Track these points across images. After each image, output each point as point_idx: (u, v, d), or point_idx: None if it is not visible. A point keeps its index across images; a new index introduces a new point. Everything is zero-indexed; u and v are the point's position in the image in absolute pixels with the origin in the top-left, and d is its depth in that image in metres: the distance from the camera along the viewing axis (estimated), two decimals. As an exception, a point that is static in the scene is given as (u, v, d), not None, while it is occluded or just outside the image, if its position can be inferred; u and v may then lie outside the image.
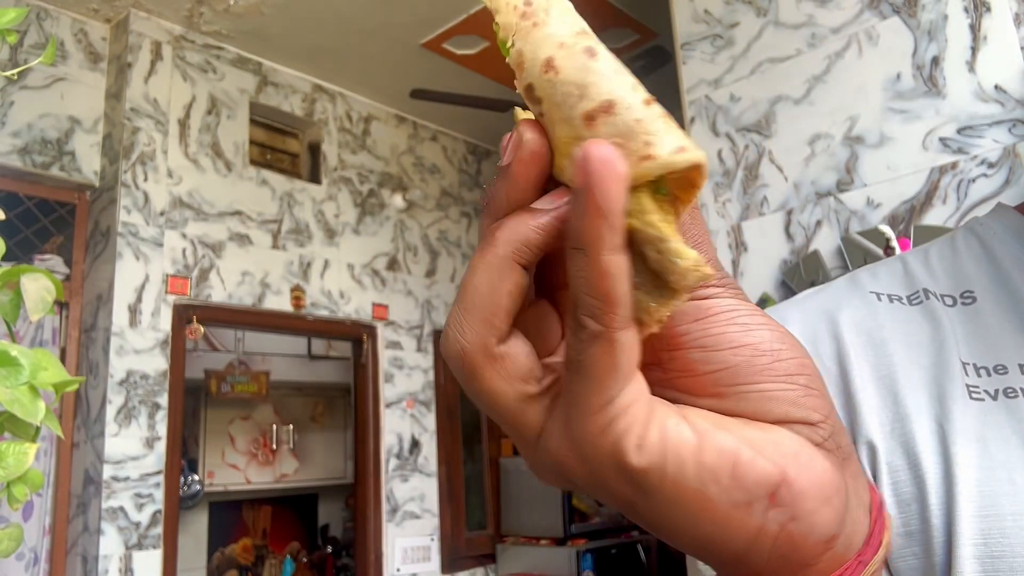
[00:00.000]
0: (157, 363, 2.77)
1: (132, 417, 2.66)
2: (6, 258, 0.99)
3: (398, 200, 3.78)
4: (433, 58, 3.36)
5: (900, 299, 0.41)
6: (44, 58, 1.20)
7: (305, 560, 4.43)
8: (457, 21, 3.12)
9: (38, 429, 0.93)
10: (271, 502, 4.41)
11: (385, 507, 3.45)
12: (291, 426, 4.46)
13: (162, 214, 2.88)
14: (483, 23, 3.10)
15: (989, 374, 0.36)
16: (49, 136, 2.75)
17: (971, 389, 0.36)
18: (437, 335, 3.84)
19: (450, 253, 4.05)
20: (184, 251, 2.93)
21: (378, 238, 3.69)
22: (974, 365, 0.37)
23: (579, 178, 0.20)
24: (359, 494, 3.51)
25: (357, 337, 3.55)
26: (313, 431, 4.61)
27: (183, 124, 3.02)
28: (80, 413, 2.75)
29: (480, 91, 3.52)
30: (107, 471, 2.57)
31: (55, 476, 2.70)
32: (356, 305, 3.50)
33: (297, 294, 3.27)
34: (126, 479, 2.61)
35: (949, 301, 0.40)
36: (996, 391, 0.35)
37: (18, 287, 0.94)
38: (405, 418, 3.64)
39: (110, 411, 2.61)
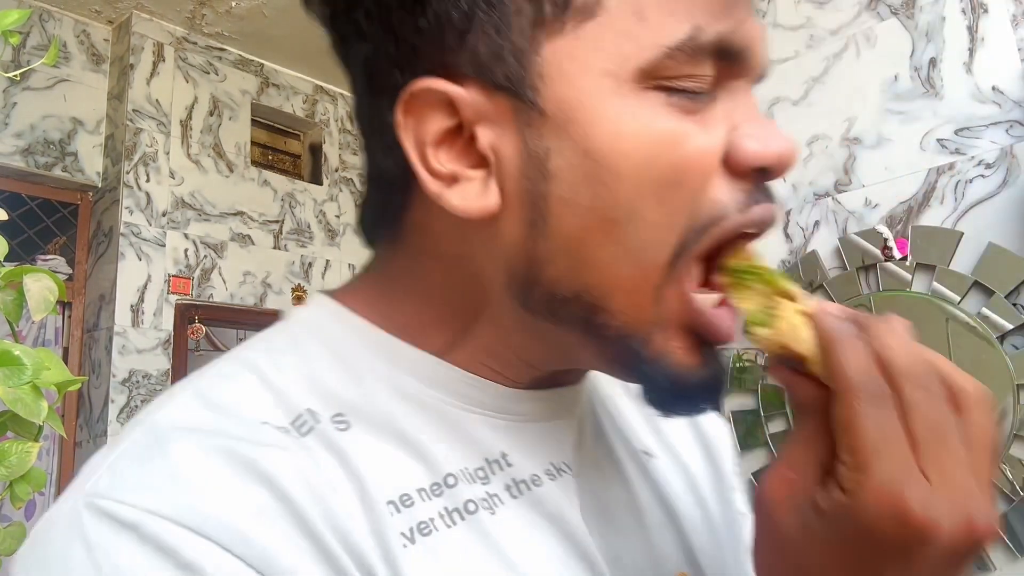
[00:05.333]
0: (159, 363, 2.78)
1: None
2: (9, 258, 1.00)
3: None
4: (434, 59, 3.37)
5: (287, 429, 0.34)
6: (47, 59, 1.21)
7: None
8: (458, 22, 3.13)
9: (41, 428, 0.94)
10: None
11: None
12: (293, 426, 4.46)
13: (164, 214, 2.89)
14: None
15: (400, 509, 0.34)
16: (52, 137, 2.76)
17: (397, 538, 0.33)
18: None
19: (451, 253, 4.06)
20: (186, 251, 2.94)
21: (379, 238, 3.70)
22: (390, 502, 0.34)
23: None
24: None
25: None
26: (315, 431, 4.61)
27: (185, 125, 3.03)
28: (83, 412, 2.76)
29: (481, 92, 3.53)
30: (109, 470, 2.58)
31: (58, 475, 2.71)
32: (357, 305, 3.52)
33: (299, 294, 3.28)
34: (128, 478, 2.62)
35: (340, 425, 0.35)
36: (411, 531, 0.34)
37: (21, 287, 0.95)
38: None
39: (112, 410, 2.63)
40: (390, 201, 0.39)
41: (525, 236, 0.35)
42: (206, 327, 2.98)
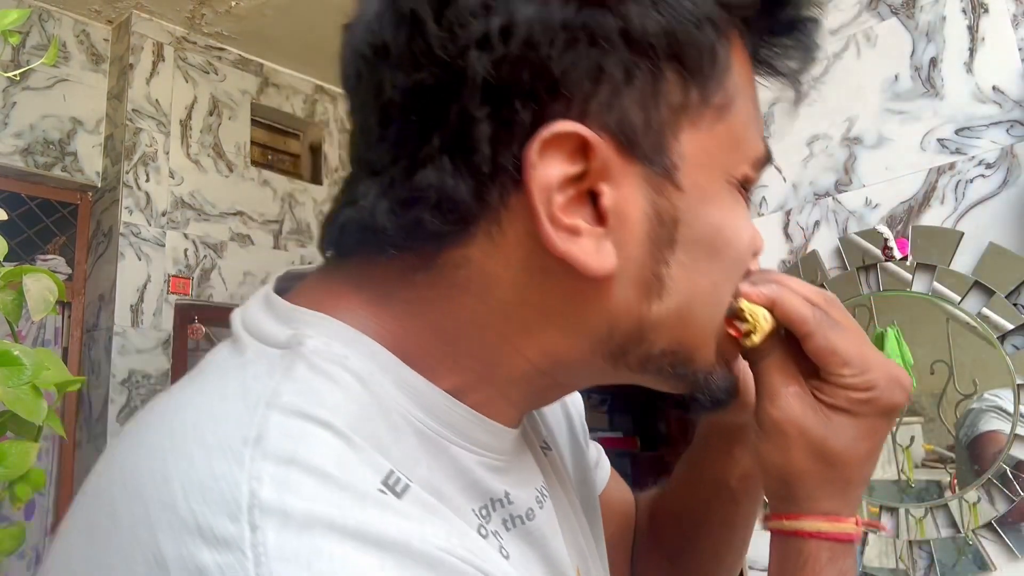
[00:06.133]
0: (159, 363, 2.78)
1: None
2: (8, 258, 1.00)
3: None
4: (434, 59, 3.37)
5: (386, 490, 0.31)
6: (46, 59, 1.21)
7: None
8: (458, 22, 3.13)
9: (40, 429, 0.94)
10: (272, 502, 4.41)
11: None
12: (292, 426, 4.46)
13: (164, 214, 2.89)
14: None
15: None
16: (51, 137, 2.76)
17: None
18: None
19: (451, 253, 4.06)
20: (186, 251, 2.94)
21: (379, 238, 3.70)
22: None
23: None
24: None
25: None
26: (314, 431, 4.61)
27: (185, 125, 3.03)
28: (82, 413, 2.76)
29: (481, 92, 3.52)
30: (109, 470, 2.58)
31: (57, 476, 2.71)
32: (357, 305, 3.51)
33: (298, 294, 3.28)
34: (128, 478, 2.62)
35: (407, 478, 0.32)
36: None
37: (20, 287, 0.95)
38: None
39: (112, 411, 2.62)
40: (440, 231, 0.35)
41: (639, 299, 0.36)
42: (206, 327, 2.97)
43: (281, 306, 0.38)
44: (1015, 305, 1.58)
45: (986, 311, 1.60)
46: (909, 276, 1.72)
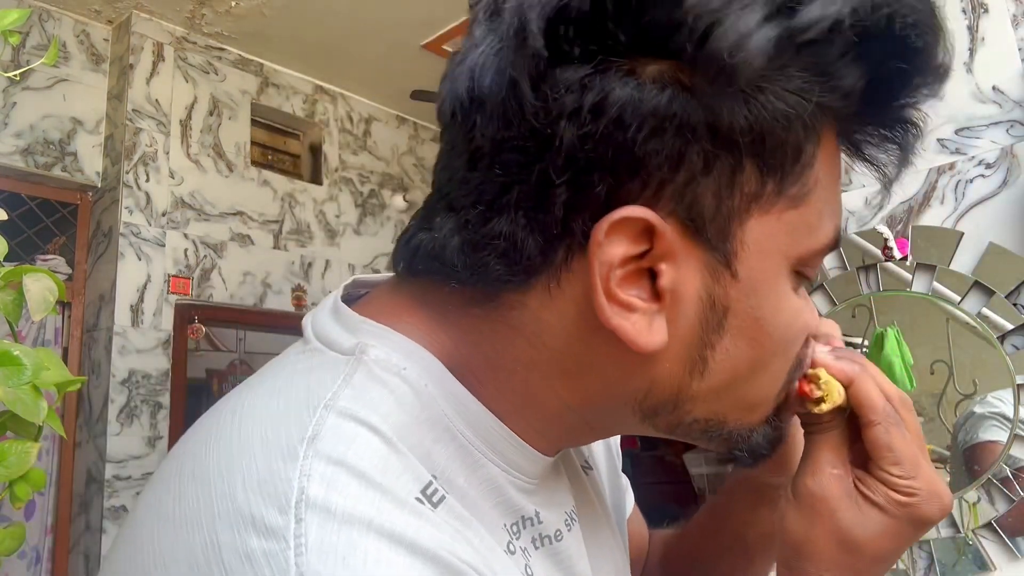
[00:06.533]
0: (159, 363, 2.78)
1: (134, 416, 2.68)
2: (8, 258, 1.00)
3: (399, 201, 3.79)
4: (434, 59, 3.36)
5: (423, 499, 0.34)
6: (46, 59, 1.21)
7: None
8: (458, 23, 3.13)
9: (40, 428, 0.94)
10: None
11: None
12: (292, 426, 4.45)
13: (164, 214, 2.89)
14: (484, 24, 3.10)
15: None
16: (51, 137, 2.76)
17: None
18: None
19: (451, 253, 4.06)
20: (186, 251, 2.94)
21: (379, 238, 3.70)
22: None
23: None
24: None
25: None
26: (314, 431, 4.60)
27: (185, 125, 3.03)
28: (82, 412, 2.76)
29: (481, 92, 3.52)
30: (109, 470, 2.58)
31: (57, 475, 2.71)
32: (357, 305, 3.51)
33: (299, 294, 3.28)
34: (128, 478, 2.62)
35: (444, 488, 0.35)
36: None
37: (20, 287, 0.95)
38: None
39: (112, 410, 2.62)
40: (502, 275, 0.37)
41: (681, 375, 0.38)
42: (206, 327, 2.97)
43: (348, 315, 0.41)
44: (1015, 305, 1.58)
45: (986, 311, 1.60)
46: (909, 276, 1.72)
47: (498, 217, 0.36)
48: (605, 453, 0.60)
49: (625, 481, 0.64)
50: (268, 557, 0.29)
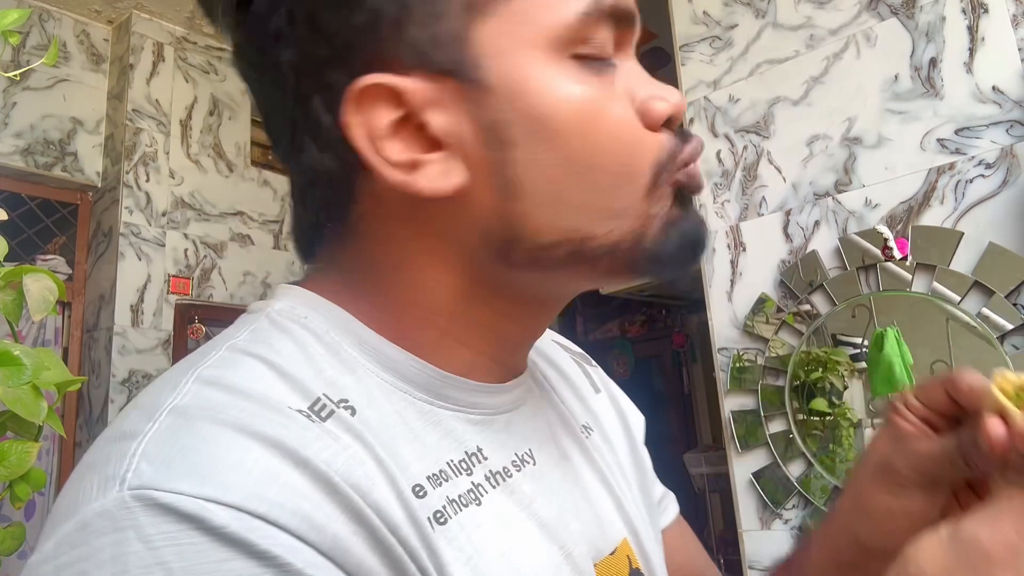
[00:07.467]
0: (159, 363, 2.78)
1: (134, 417, 2.68)
2: (9, 258, 1.00)
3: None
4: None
5: (309, 413, 0.34)
6: (47, 59, 1.21)
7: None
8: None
9: (40, 428, 0.94)
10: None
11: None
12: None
13: (164, 214, 2.89)
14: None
15: (420, 496, 0.35)
16: (52, 137, 2.76)
17: (426, 522, 0.35)
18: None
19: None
20: (186, 251, 2.94)
21: (379, 238, 3.70)
22: (414, 488, 0.35)
23: None
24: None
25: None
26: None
27: (185, 125, 3.03)
28: (82, 412, 2.76)
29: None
30: (109, 470, 2.58)
31: (57, 475, 2.71)
32: (357, 305, 3.51)
33: (298, 294, 3.28)
34: (128, 478, 2.62)
35: (348, 410, 0.35)
36: (431, 518, 0.35)
37: (20, 287, 0.95)
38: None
39: (112, 410, 2.63)
40: (335, 200, 0.40)
41: (497, 201, 0.37)
42: (206, 327, 2.98)
43: (274, 287, 0.44)
44: (1015, 305, 1.58)
45: (986, 311, 1.61)
46: (909, 276, 1.72)
47: (300, 166, 0.40)
48: (622, 430, 0.58)
49: (662, 491, 0.61)
50: (119, 453, 0.30)
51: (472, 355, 0.42)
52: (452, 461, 0.38)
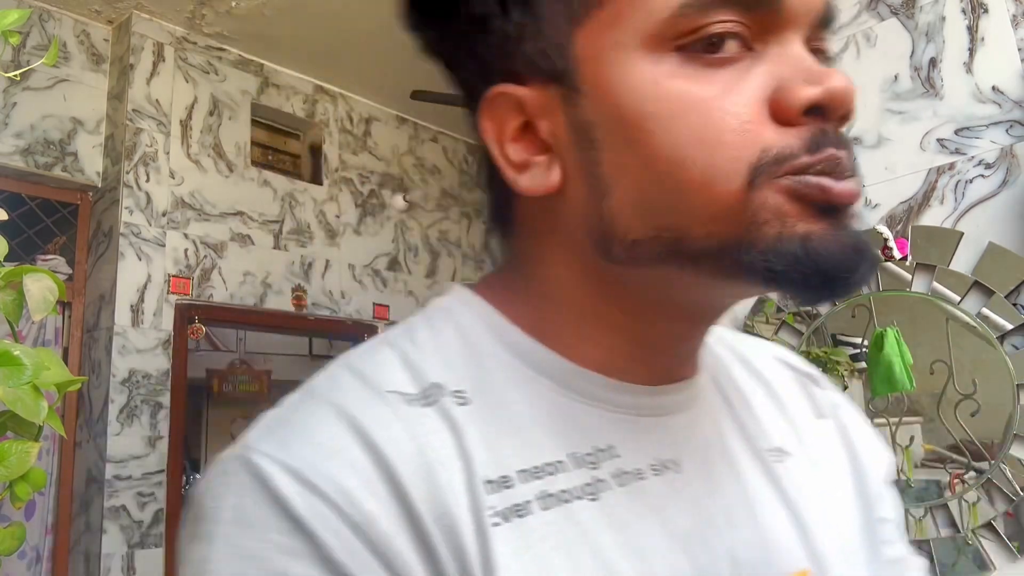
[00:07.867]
0: (159, 363, 2.78)
1: (134, 416, 2.68)
2: (9, 258, 1.00)
3: (399, 201, 3.79)
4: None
5: (414, 399, 0.38)
6: (47, 59, 1.21)
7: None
8: (458, 22, 3.13)
9: (40, 428, 0.94)
10: (273, 502, 4.40)
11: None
12: (293, 426, 4.45)
13: (164, 215, 2.89)
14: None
15: (499, 490, 0.37)
16: (52, 137, 2.76)
17: (490, 516, 0.36)
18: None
19: (450, 254, 4.05)
20: (186, 251, 2.94)
21: (379, 238, 3.70)
22: (489, 481, 0.37)
23: None
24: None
25: (358, 337, 3.56)
26: (314, 431, 4.60)
27: (185, 125, 3.03)
28: (82, 412, 2.76)
29: (481, 92, 3.52)
30: (109, 470, 2.58)
31: (57, 475, 2.71)
32: (357, 305, 3.51)
33: (299, 294, 3.28)
34: (128, 478, 2.62)
35: (459, 400, 0.39)
36: (507, 511, 0.36)
37: (21, 287, 0.95)
38: (406, 418, 3.64)
39: (112, 410, 2.63)
40: (502, 200, 0.45)
41: (591, 199, 0.39)
42: (206, 327, 2.98)
43: (444, 286, 0.49)
44: (1015, 305, 1.58)
45: (986, 311, 1.61)
46: (909, 276, 1.72)
47: (482, 170, 0.45)
48: (852, 474, 0.52)
49: (904, 554, 0.54)
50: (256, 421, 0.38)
51: (605, 352, 0.42)
52: (576, 453, 0.40)
